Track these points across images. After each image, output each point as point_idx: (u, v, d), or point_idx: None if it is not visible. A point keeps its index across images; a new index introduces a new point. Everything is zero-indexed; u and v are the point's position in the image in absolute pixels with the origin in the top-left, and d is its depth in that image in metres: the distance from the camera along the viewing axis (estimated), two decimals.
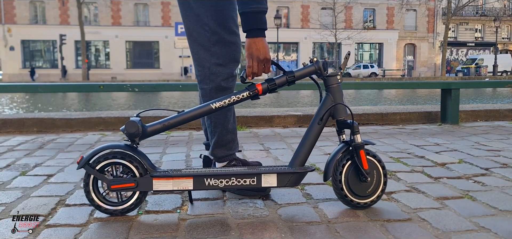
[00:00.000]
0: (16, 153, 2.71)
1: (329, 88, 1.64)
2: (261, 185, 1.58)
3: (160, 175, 1.55)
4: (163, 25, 34.39)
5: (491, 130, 3.66)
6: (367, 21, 37.81)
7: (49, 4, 33.28)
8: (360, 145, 1.62)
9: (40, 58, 34.29)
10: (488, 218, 1.53)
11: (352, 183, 1.63)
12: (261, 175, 1.58)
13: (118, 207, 1.56)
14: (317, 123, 1.63)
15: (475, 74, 32.24)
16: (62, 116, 3.78)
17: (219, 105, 1.59)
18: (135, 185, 1.54)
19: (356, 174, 1.64)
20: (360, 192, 1.63)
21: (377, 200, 1.65)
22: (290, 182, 1.60)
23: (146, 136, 1.58)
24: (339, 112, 1.64)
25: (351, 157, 1.64)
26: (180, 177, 1.55)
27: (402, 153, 2.67)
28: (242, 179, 1.57)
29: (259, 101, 12.21)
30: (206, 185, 1.56)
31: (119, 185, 1.53)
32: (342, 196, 1.63)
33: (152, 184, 1.55)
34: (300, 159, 1.62)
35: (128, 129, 1.51)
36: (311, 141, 1.63)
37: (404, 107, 4.56)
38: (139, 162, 1.55)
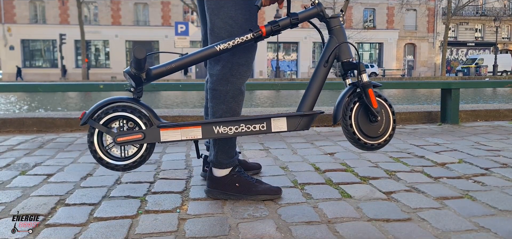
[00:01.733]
0: (16, 152, 2.71)
1: (332, 30, 1.62)
2: (271, 130, 1.54)
3: (168, 125, 1.49)
4: (163, 24, 34.37)
5: (491, 129, 3.66)
6: (367, 21, 37.80)
7: (49, 3, 33.27)
8: (368, 84, 1.58)
9: (40, 58, 34.28)
10: (487, 218, 1.53)
11: (363, 125, 1.58)
12: (270, 120, 1.54)
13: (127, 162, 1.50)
14: (323, 66, 1.59)
15: (475, 74, 32.24)
16: (62, 116, 3.77)
17: (223, 48, 1.53)
18: (142, 136, 1.48)
19: (366, 114, 1.59)
20: (372, 133, 1.59)
21: (389, 139, 1.62)
22: (300, 125, 1.57)
23: (151, 78, 1.52)
24: (344, 53, 1.61)
25: (359, 98, 1.60)
26: (189, 126, 1.50)
27: (402, 152, 2.67)
28: (252, 125, 1.53)
29: (259, 101, 12.21)
30: (215, 133, 1.51)
31: (126, 137, 1.48)
32: (355, 140, 1.58)
33: (160, 135, 1.49)
34: (308, 103, 1.58)
35: (136, 54, 1.43)
36: (318, 84, 1.59)
37: (404, 107, 4.56)
38: (144, 114, 1.50)
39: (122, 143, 1.49)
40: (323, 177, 2.08)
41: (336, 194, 1.81)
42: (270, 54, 36.09)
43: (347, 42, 1.60)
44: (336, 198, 1.76)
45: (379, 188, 1.90)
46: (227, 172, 1.76)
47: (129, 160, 1.52)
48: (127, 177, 2.09)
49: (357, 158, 2.49)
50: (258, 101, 12.32)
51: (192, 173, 2.17)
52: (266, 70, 35.52)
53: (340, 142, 3.04)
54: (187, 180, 2.04)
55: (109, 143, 1.51)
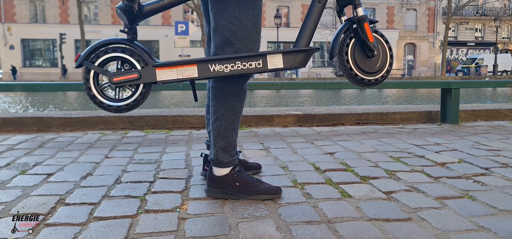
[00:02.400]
0: (16, 151, 2.71)
1: None
2: (267, 66, 1.52)
3: (163, 64, 1.49)
4: (163, 24, 34.38)
5: (491, 129, 3.66)
6: None
7: (49, 3, 33.27)
8: (363, 17, 1.56)
9: (40, 57, 34.28)
10: (488, 218, 1.53)
11: (360, 60, 1.57)
12: (266, 57, 1.52)
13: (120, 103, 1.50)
14: (318, 1, 1.57)
15: (475, 74, 32.23)
16: (62, 115, 3.77)
17: None
18: (138, 76, 1.48)
19: (363, 50, 1.57)
20: (369, 68, 1.58)
21: (386, 75, 1.60)
22: (296, 61, 1.55)
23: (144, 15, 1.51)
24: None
25: (355, 34, 1.58)
26: (184, 64, 1.50)
27: (402, 152, 2.67)
28: (248, 62, 1.51)
29: (259, 101, 12.21)
30: (211, 71, 1.50)
31: (122, 77, 1.47)
32: (352, 76, 1.57)
33: (156, 74, 1.48)
34: (305, 39, 1.57)
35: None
36: (313, 21, 1.57)
37: (404, 107, 4.56)
38: (139, 54, 1.49)
39: (118, 83, 1.48)
40: (323, 177, 2.08)
41: (336, 194, 1.81)
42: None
43: None
44: (336, 197, 1.76)
45: (379, 187, 1.90)
46: (227, 171, 1.75)
47: (122, 101, 1.51)
48: (127, 176, 2.09)
49: (357, 158, 2.49)
50: (258, 100, 12.32)
51: (192, 173, 2.17)
52: None
53: (340, 141, 3.04)
54: (187, 180, 2.04)
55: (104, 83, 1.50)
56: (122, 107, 1.51)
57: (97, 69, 1.47)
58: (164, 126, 3.78)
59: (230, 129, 1.73)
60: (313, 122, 3.96)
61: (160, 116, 3.79)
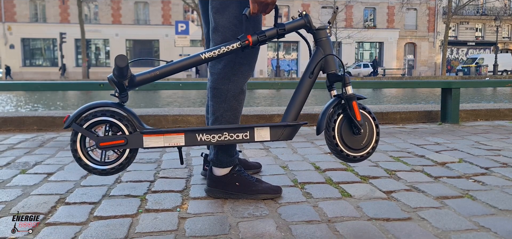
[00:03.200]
0: (16, 151, 2.71)
1: (319, 41, 1.64)
2: (254, 139, 1.56)
3: (151, 131, 1.51)
4: (164, 23, 34.37)
5: (491, 129, 3.66)
6: (367, 20, 37.78)
7: (49, 2, 33.27)
8: (352, 96, 1.60)
9: (40, 57, 34.29)
10: (488, 218, 1.53)
11: (346, 137, 1.61)
12: (254, 129, 1.56)
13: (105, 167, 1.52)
14: (308, 77, 1.62)
15: (475, 73, 32.22)
16: (62, 115, 3.78)
17: (208, 56, 1.55)
18: (125, 142, 1.50)
19: (349, 127, 1.62)
20: (355, 145, 1.62)
21: (372, 151, 1.65)
22: (283, 135, 1.59)
23: (135, 85, 1.54)
24: (330, 65, 1.63)
25: (343, 110, 1.62)
26: (171, 133, 1.52)
27: (402, 152, 2.67)
28: (235, 134, 1.55)
29: (259, 100, 12.21)
30: (198, 141, 1.54)
31: (109, 142, 1.49)
32: (337, 151, 1.61)
33: (143, 141, 1.51)
34: (293, 114, 1.60)
35: (118, 62, 1.43)
36: (302, 96, 1.61)
37: (404, 107, 4.56)
38: (128, 119, 1.51)
39: (105, 148, 1.50)
40: (323, 176, 2.08)
41: (336, 193, 1.81)
42: (271, 53, 36.07)
43: (333, 55, 1.63)
44: (336, 197, 1.76)
45: (379, 187, 1.90)
46: (227, 171, 1.75)
47: (107, 165, 1.53)
48: (127, 176, 2.09)
49: None
50: (258, 100, 12.32)
51: (192, 172, 2.17)
52: (267, 69, 35.50)
53: None
54: (187, 179, 2.04)
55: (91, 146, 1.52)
56: (107, 171, 1.53)
57: (84, 133, 1.50)
58: (164, 126, 3.79)
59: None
60: (313, 122, 3.96)
61: (161, 115, 3.79)
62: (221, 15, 1.65)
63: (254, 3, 1.52)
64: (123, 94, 1.54)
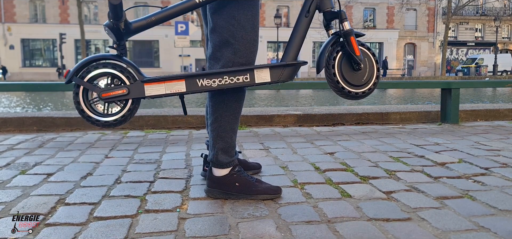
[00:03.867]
0: (16, 151, 2.71)
1: None
2: (255, 80, 1.55)
3: (151, 80, 1.52)
4: (163, 24, 34.33)
5: (491, 129, 3.66)
6: (367, 21, 37.79)
7: (49, 3, 33.27)
8: (350, 31, 1.59)
9: (40, 57, 34.29)
10: (487, 218, 1.53)
11: (346, 73, 1.60)
12: (253, 71, 1.55)
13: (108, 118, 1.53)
14: (304, 16, 1.59)
15: (475, 74, 32.23)
16: (62, 115, 3.78)
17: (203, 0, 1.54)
18: (127, 91, 1.50)
19: (349, 63, 1.60)
20: (356, 81, 1.60)
21: (373, 87, 1.64)
22: (283, 75, 1.58)
23: (131, 32, 1.53)
24: (325, 2, 1.60)
25: (342, 47, 1.61)
26: (172, 79, 1.52)
27: (402, 152, 2.67)
28: (235, 77, 1.54)
29: (259, 100, 12.20)
30: (199, 86, 1.53)
31: (110, 93, 1.50)
32: (339, 89, 1.60)
33: (144, 90, 1.51)
34: (292, 53, 1.59)
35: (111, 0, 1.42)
36: (300, 35, 1.60)
37: (404, 107, 4.56)
38: (128, 70, 1.52)
39: (107, 99, 1.50)
40: (323, 177, 2.08)
41: (336, 194, 1.81)
42: (270, 53, 36.08)
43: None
44: (336, 197, 1.76)
45: (379, 187, 1.90)
46: (227, 172, 1.75)
47: (110, 117, 1.54)
48: (127, 176, 2.09)
49: (357, 158, 2.50)
50: (258, 100, 12.31)
51: (192, 173, 2.17)
52: None
53: (340, 141, 3.04)
54: (187, 180, 2.04)
55: (94, 98, 1.53)
56: (110, 123, 1.54)
57: (86, 85, 1.50)
58: (164, 126, 3.79)
59: (229, 130, 1.73)
60: (313, 122, 3.96)
61: (160, 116, 3.79)
62: (219, 15, 1.65)
63: None
64: (122, 45, 1.54)
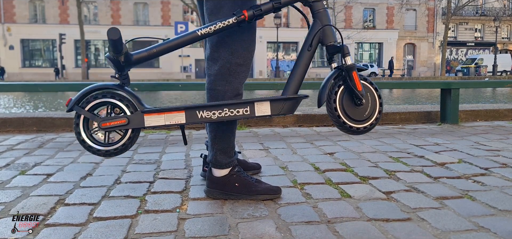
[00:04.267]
0: (15, 152, 2.71)
1: (316, 14, 1.61)
2: (254, 114, 1.55)
3: (151, 110, 1.52)
4: (163, 24, 34.38)
5: (491, 129, 3.66)
6: (367, 21, 37.80)
7: (49, 3, 33.26)
8: (352, 66, 1.58)
9: (39, 57, 34.28)
10: (487, 218, 1.53)
11: (348, 108, 1.59)
12: (254, 104, 1.55)
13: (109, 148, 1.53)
14: (307, 49, 1.59)
15: (475, 74, 32.24)
16: (61, 116, 3.77)
17: (205, 32, 1.54)
18: (127, 121, 1.51)
19: (351, 98, 1.60)
20: (358, 116, 1.60)
21: (375, 123, 1.62)
22: (284, 109, 1.57)
23: (132, 63, 1.53)
24: (328, 36, 1.60)
25: (344, 81, 1.60)
26: (172, 111, 1.53)
27: (401, 152, 2.67)
28: (235, 109, 1.54)
29: None
30: (199, 118, 1.53)
31: (111, 123, 1.50)
32: (340, 124, 1.59)
33: (144, 120, 1.52)
34: (293, 87, 1.59)
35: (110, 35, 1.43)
36: (302, 69, 1.60)
37: (404, 107, 4.56)
38: (129, 100, 1.52)
39: (107, 129, 1.51)
40: (323, 177, 2.08)
41: (336, 194, 1.81)
42: (270, 54, 36.09)
43: (331, 25, 1.60)
44: (335, 197, 1.76)
45: (378, 187, 1.90)
46: (226, 172, 1.75)
47: (111, 146, 1.54)
48: (127, 176, 2.09)
49: (357, 158, 2.49)
50: None
51: (192, 173, 2.17)
52: (266, 70, 35.52)
53: (340, 142, 3.04)
54: (187, 180, 2.04)
55: (94, 127, 1.53)
56: (111, 152, 1.54)
57: (87, 114, 1.51)
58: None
59: (228, 130, 1.72)
60: (313, 122, 3.96)
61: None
62: (216, 16, 1.65)
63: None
64: (124, 75, 1.54)
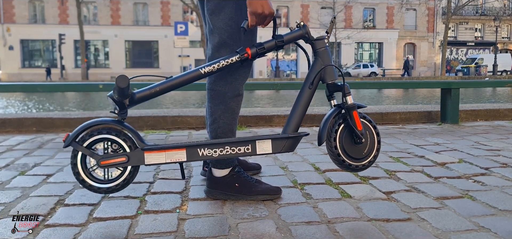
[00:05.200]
0: (15, 152, 2.70)
1: (318, 52, 1.64)
2: (256, 152, 1.56)
3: (152, 148, 1.50)
4: (163, 24, 34.36)
5: (491, 129, 3.66)
6: (367, 21, 37.81)
7: (48, 3, 33.25)
8: (353, 106, 1.60)
9: (39, 58, 34.27)
10: (488, 218, 1.53)
11: (347, 146, 1.61)
12: (255, 142, 1.56)
13: (110, 185, 1.50)
14: (308, 87, 1.61)
15: (475, 73, 32.24)
16: (61, 116, 3.77)
17: (208, 70, 1.56)
18: (126, 159, 1.49)
19: (350, 136, 1.62)
20: (356, 154, 1.62)
21: (373, 160, 1.65)
22: (285, 147, 1.59)
23: (135, 102, 1.52)
24: (329, 75, 1.62)
25: (344, 120, 1.62)
26: (173, 149, 1.52)
27: (402, 152, 2.66)
28: (237, 147, 1.55)
29: (259, 100, 12.20)
30: (200, 156, 1.53)
31: (110, 160, 1.48)
32: (339, 161, 1.61)
33: (144, 158, 1.50)
34: (293, 125, 1.60)
35: (119, 83, 1.42)
36: (303, 106, 1.61)
37: (404, 107, 4.56)
38: (128, 136, 1.50)
39: (106, 166, 1.49)
40: (323, 177, 2.08)
41: (336, 194, 1.81)
42: (270, 54, 36.07)
43: (332, 65, 1.63)
44: (336, 198, 1.76)
45: (379, 188, 1.90)
46: (226, 172, 1.75)
47: (112, 183, 1.52)
48: None
49: None
50: (258, 100, 12.31)
51: (192, 173, 2.17)
52: (266, 70, 35.51)
53: None
54: (187, 180, 2.04)
55: (92, 165, 1.51)
56: (112, 189, 1.52)
57: (85, 151, 1.48)
58: (163, 127, 3.78)
59: (228, 130, 1.72)
60: (313, 122, 3.96)
61: (160, 117, 3.79)
62: (217, 16, 1.65)
63: (252, 15, 1.52)
64: (123, 111, 1.53)
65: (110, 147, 1.51)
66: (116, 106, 1.51)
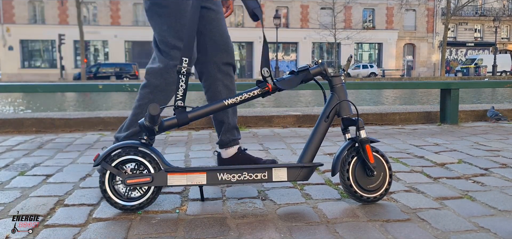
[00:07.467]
0: (15, 152, 2.70)
1: (334, 88, 1.72)
2: (272, 179, 1.64)
3: (175, 170, 1.60)
4: None
5: (491, 130, 3.66)
6: (366, 21, 37.83)
7: (48, 4, 33.25)
8: (366, 140, 1.68)
9: (39, 58, 34.26)
10: (487, 218, 1.53)
11: (360, 178, 1.68)
12: (272, 170, 1.64)
13: (133, 203, 1.59)
14: (324, 121, 1.70)
15: (474, 74, 32.26)
16: (61, 116, 3.77)
17: (231, 102, 1.66)
18: (150, 179, 1.58)
19: (363, 169, 1.69)
20: (369, 187, 1.69)
21: (385, 193, 1.71)
22: (300, 176, 1.66)
23: (163, 129, 1.62)
24: (344, 110, 1.71)
25: (357, 153, 1.70)
26: (194, 172, 1.61)
27: (401, 153, 2.67)
28: (254, 174, 1.63)
29: (258, 101, 12.20)
30: (219, 180, 1.61)
31: (135, 180, 1.57)
32: (352, 193, 1.67)
33: (167, 179, 1.59)
34: (309, 155, 1.68)
35: (151, 111, 1.52)
36: (318, 138, 1.70)
37: (404, 108, 4.56)
38: (154, 158, 1.60)
39: (131, 185, 1.58)
40: (323, 177, 2.08)
41: (336, 194, 1.81)
42: (270, 54, 35.99)
43: (348, 101, 1.71)
44: (335, 198, 1.76)
45: None
46: (235, 151, 1.98)
47: (135, 201, 1.60)
48: None
49: None
50: (258, 101, 12.31)
51: None
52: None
53: (340, 142, 3.04)
54: None
55: (118, 182, 1.60)
56: (136, 206, 1.61)
57: (113, 170, 1.58)
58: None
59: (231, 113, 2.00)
60: (313, 123, 3.96)
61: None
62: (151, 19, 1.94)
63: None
64: (152, 137, 1.63)
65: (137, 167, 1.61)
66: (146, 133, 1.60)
